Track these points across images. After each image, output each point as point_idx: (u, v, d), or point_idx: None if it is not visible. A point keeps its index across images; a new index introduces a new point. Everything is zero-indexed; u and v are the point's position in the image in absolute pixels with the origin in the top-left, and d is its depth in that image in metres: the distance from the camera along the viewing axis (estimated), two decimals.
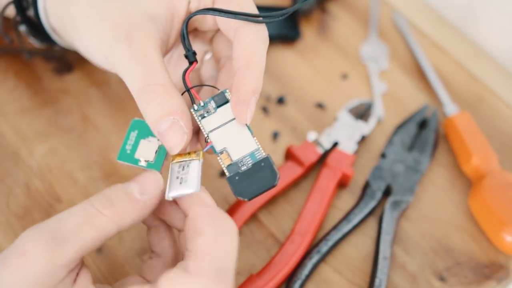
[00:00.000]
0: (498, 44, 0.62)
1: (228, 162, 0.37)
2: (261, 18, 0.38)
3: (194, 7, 0.41)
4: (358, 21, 0.63)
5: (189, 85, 0.38)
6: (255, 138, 0.38)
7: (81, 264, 0.36)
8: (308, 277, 0.45)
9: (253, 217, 0.49)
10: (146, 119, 0.37)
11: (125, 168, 0.50)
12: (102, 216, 0.34)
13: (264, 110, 0.55)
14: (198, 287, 0.33)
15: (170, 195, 0.36)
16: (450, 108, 0.55)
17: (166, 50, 0.40)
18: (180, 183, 0.36)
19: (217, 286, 0.33)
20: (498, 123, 0.57)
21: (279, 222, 0.49)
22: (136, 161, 0.38)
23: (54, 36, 0.46)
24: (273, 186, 0.37)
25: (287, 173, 0.49)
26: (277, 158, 0.52)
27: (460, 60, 0.61)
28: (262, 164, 0.37)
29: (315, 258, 0.46)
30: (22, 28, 0.46)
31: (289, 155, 0.51)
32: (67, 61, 0.55)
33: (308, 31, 0.61)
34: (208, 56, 0.45)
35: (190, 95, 0.38)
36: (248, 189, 0.37)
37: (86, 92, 0.54)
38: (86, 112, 0.52)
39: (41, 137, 0.51)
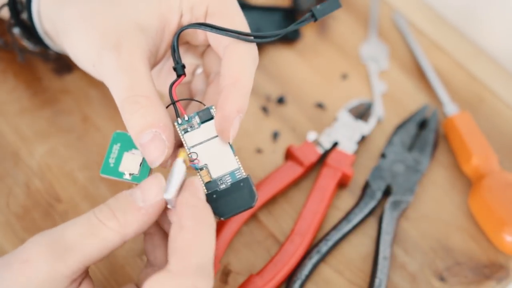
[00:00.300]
0: (498, 44, 0.62)
1: (207, 179, 0.37)
2: (252, 38, 0.38)
3: (186, 20, 0.40)
4: (358, 21, 0.63)
5: (175, 98, 0.38)
6: (236, 157, 0.38)
7: (85, 273, 0.36)
8: (308, 277, 0.45)
9: (253, 217, 0.49)
10: (129, 130, 0.36)
11: None
12: (105, 227, 0.34)
13: (264, 110, 0.55)
14: (185, 285, 0.32)
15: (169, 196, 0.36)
16: (450, 108, 0.55)
17: (154, 62, 0.40)
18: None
19: (200, 283, 0.33)
20: (498, 123, 0.57)
21: (279, 222, 0.49)
22: (121, 175, 0.37)
23: (47, 40, 0.46)
24: (251, 207, 0.37)
25: (287, 173, 0.49)
26: (277, 158, 0.52)
27: (460, 60, 0.61)
28: (241, 184, 0.37)
29: (315, 258, 0.46)
30: (16, 31, 0.46)
31: (289, 155, 0.51)
32: (67, 61, 0.55)
33: (308, 31, 0.61)
34: (199, 70, 0.45)
35: (176, 108, 0.38)
36: (224, 208, 0.37)
37: (86, 92, 0.54)
38: (86, 112, 0.52)
39: (41, 137, 0.51)
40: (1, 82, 0.53)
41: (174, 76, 0.44)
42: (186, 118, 0.38)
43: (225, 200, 0.37)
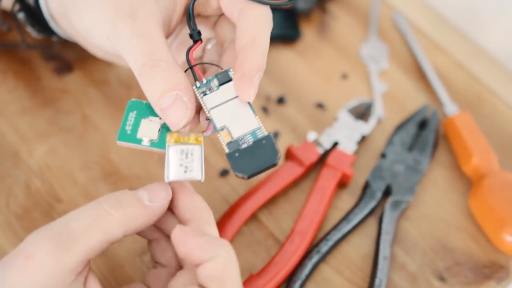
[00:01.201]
0: (498, 44, 0.62)
1: (228, 139, 0.37)
2: (267, 1, 0.38)
3: None
4: (358, 21, 0.63)
5: (193, 63, 0.38)
6: (257, 116, 0.37)
7: (89, 267, 0.35)
8: (308, 277, 0.45)
9: (253, 217, 0.49)
10: (148, 95, 0.36)
11: (125, 169, 0.50)
12: (111, 217, 0.34)
13: (264, 110, 0.55)
14: None
15: (171, 179, 0.36)
16: (450, 108, 0.55)
17: (167, 33, 0.40)
18: (185, 171, 0.36)
19: None
20: (498, 123, 0.57)
21: (279, 222, 0.49)
22: (139, 141, 0.37)
23: (52, 24, 0.45)
24: (274, 165, 0.36)
25: (287, 173, 0.49)
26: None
27: (460, 60, 0.61)
28: (263, 142, 0.36)
29: (315, 258, 0.46)
30: (21, 16, 0.46)
31: (289, 155, 0.51)
32: (67, 61, 0.55)
33: (308, 31, 0.61)
34: (210, 45, 0.45)
35: (193, 72, 0.38)
36: (247, 165, 0.36)
37: (86, 92, 0.54)
38: (86, 112, 0.52)
39: (41, 137, 0.51)
40: (1, 82, 0.53)
41: (182, 53, 0.44)
42: (205, 82, 0.38)
43: (247, 158, 0.36)
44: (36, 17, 0.46)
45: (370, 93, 0.58)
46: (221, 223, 0.46)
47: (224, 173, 0.51)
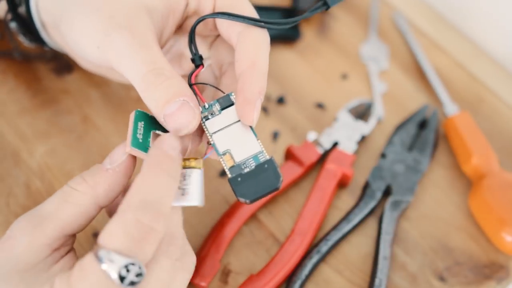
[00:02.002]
0: (498, 44, 0.62)
1: (230, 164, 0.37)
2: (266, 24, 0.39)
3: (192, 9, 0.41)
4: (358, 21, 0.63)
5: (195, 87, 0.38)
6: (259, 140, 0.38)
7: (70, 248, 0.37)
8: (308, 277, 0.45)
9: (253, 217, 0.49)
10: (152, 103, 0.36)
11: None
12: (76, 192, 0.36)
13: (264, 110, 0.55)
14: (124, 221, 0.32)
15: (172, 205, 0.36)
16: (450, 108, 0.55)
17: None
18: (182, 194, 0.36)
19: (144, 217, 0.32)
20: (498, 123, 0.57)
21: (279, 222, 0.49)
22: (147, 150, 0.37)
23: (43, 34, 0.45)
24: (276, 189, 0.36)
25: (287, 173, 0.49)
26: (277, 158, 0.52)
27: (460, 60, 0.61)
28: (266, 166, 0.37)
29: (315, 258, 0.46)
30: (13, 25, 0.46)
31: (289, 155, 0.51)
32: (67, 61, 0.55)
33: (308, 31, 0.61)
34: (206, 63, 0.45)
35: (195, 95, 0.38)
36: (250, 190, 0.36)
37: (86, 92, 0.54)
38: (86, 112, 0.52)
39: (41, 137, 0.51)
40: (1, 82, 0.53)
41: (175, 67, 0.44)
42: (207, 106, 0.38)
43: (249, 183, 0.36)
44: (28, 26, 0.46)
45: (370, 93, 0.58)
46: (221, 223, 0.46)
47: (224, 173, 0.51)
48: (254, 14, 0.40)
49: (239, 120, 0.38)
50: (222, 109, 0.38)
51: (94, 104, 0.53)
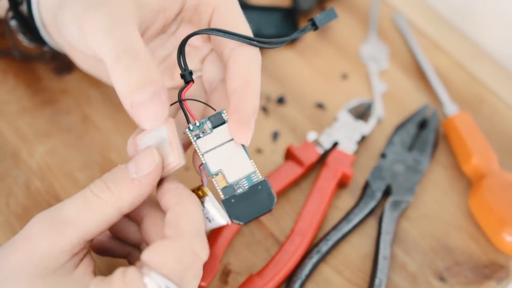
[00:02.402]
0: (498, 44, 0.62)
1: (223, 184, 0.37)
2: (259, 43, 0.38)
3: (187, 17, 0.40)
4: (358, 21, 0.63)
5: (185, 103, 0.37)
6: (251, 160, 0.37)
7: (87, 250, 0.36)
8: (308, 277, 0.45)
9: None
10: (120, 85, 0.33)
11: None
12: (99, 199, 0.35)
13: (264, 110, 0.55)
14: (180, 249, 0.33)
15: (207, 229, 0.37)
16: (450, 108, 0.55)
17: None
18: (210, 221, 0.37)
19: (197, 246, 0.34)
20: (498, 123, 0.57)
21: (279, 222, 0.49)
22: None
23: (43, 33, 0.45)
24: (270, 210, 0.36)
25: (287, 173, 0.49)
26: (277, 158, 0.52)
27: (460, 60, 0.61)
28: (259, 187, 0.36)
29: (315, 258, 0.46)
30: (13, 23, 0.46)
31: (289, 155, 0.51)
32: (67, 61, 0.55)
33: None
34: (196, 74, 0.44)
35: (186, 114, 0.37)
36: (244, 212, 0.36)
37: (86, 92, 0.54)
38: (86, 112, 0.52)
39: (41, 137, 0.51)
40: (1, 82, 0.53)
41: (167, 78, 0.43)
42: (198, 124, 0.37)
43: (243, 205, 0.36)
44: (28, 25, 0.46)
45: (370, 93, 0.58)
46: None
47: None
48: (248, 32, 0.39)
49: (231, 139, 0.37)
50: (214, 127, 0.37)
51: (94, 104, 0.53)
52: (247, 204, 0.36)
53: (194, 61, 0.43)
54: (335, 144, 0.52)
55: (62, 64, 0.55)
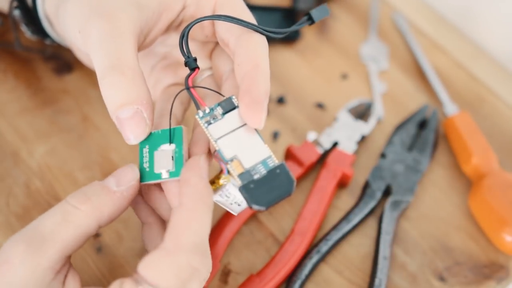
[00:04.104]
0: (498, 44, 0.62)
1: (240, 170, 0.35)
2: (265, 32, 0.38)
3: (189, 13, 0.40)
4: (358, 21, 0.63)
5: (192, 89, 0.36)
6: (266, 144, 0.36)
7: (69, 265, 0.35)
8: (308, 277, 0.45)
9: (253, 217, 0.49)
10: (107, 101, 0.35)
11: None
12: (79, 211, 0.34)
13: None
14: (178, 264, 0.32)
15: (237, 213, 0.37)
16: (450, 108, 0.55)
17: (142, 44, 0.39)
18: (239, 205, 0.36)
19: (195, 261, 0.32)
20: (498, 123, 0.57)
21: (279, 222, 0.49)
22: (159, 176, 0.36)
23: (45, 24, 0.45)
24: (289, 194, 0.35)
25: None
26: (277, 158, 0.52)
27: (460, 60, 0.61)
28: (278, 171, 0.35)
29: (315, 258, 0.46)
30: (16, 13, 0.45)
31: (289, 155, 0.51)
32: (67, 61, 0.55)
33: (308, 31, 0.61)
34: (206, 73, 0.44)
35: (195, 101, 0.36)
36: (264, 197, 0.34)
37: (86, 92, 0.54)
38: (86, 112, 0.52)
39: (41, 137, 0.51)
40: (1, 82, 0.53)
41: (167, 75, 0.43)
42: (208, 110, 0.36)
43: (263, 190, 0.34)
44: (31, 16, 0.45)
45: (370, 93, 0.58)
46: (221, 223, 0.46)
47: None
48: (253, 21, 0.39)
49: (243, 124, 0.36)
50: (225, 113, 0.36)
51: (94, 104, 0.53)
52: (267, 189, 0.34)
53: (203, 58, 0.43)
54: (335, 144, 0.52)
55: (62, 64, 0.55)
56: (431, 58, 0.60)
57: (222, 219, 0.47)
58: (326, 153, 0.52)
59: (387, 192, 0.50)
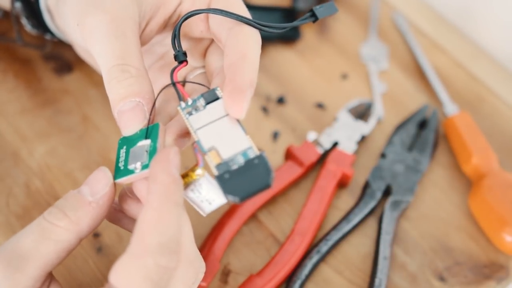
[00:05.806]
0: (498, 44, 0.62)
1: (217, 161, 0.34)
2: (259, 26, 0.37)
3: (185, 8, 0.40)
4: (358, 21, 0.63)
5: (178, 85, 0.36)
6: (248, 135, 0.34)
7: (50, 278, 0.35)
8: (308, 277, 0.45)
9: (253, 217, 0.49)
10: (110, 96, 0.35)
11: None
12: (57, 228, 0.33)
13: (264, 110, 0.55)
14: (145, 267, 0.31)
15: (206, 213, 0.36)
16: (450, 108, 0.55)
17: (141, 39, 0.39)
18: (210, 203, 0.35)
19: (162, 261, 0.31)
20: (498, 123, 0.57)
21: (279, 222, 0.49)
22: (132, 171, 0.35)
23: (46, 17, 0.45)
24: (268, 187, 0.33)
25: (287, 173, 0.49)
26: (277, 158, 0.52)
27: (460, 60, 0.61)
28: (256, 161, 0.33)
29: (315, 258, 0.46)
30: (17, 5, 0.45)
31: (289, 155, 0.51)
32: (67, 61, 0.55)
33: (308, 31, 0.61)
34: (199, 71, 0.43)
35: (178, 92, 0.36)
36: (239, 188, 0.33)
37: (86, 92, 0.54)
38: (86, 112, 0.52)
39: (41, 137, 0.51)
40: (1, 82, 0.53)
41: (163, 75, 0.43)
42: (190, 102, 0.35)
43: (239, 180, 0.33)
44: (33, 9, 0.45)
45: (370, 93, 0.58)
46: (221, 223, 0.46)
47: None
48: (248, 16, 0.38)
49: (225, 115, 0.35)
50: (207, 104, 0.35)
51: (94, 104, 0.53)
52: (243, 180, 0.33)
53: (196, 56, 0.43)
54: (335, 144, 0.52)
55: (62, 64, 0.55)
56: (431, 58, 0.60)
57: (222, 219, 0.47)
58: (326, 153, 0.52)
59: (387, 192, 0.50)
